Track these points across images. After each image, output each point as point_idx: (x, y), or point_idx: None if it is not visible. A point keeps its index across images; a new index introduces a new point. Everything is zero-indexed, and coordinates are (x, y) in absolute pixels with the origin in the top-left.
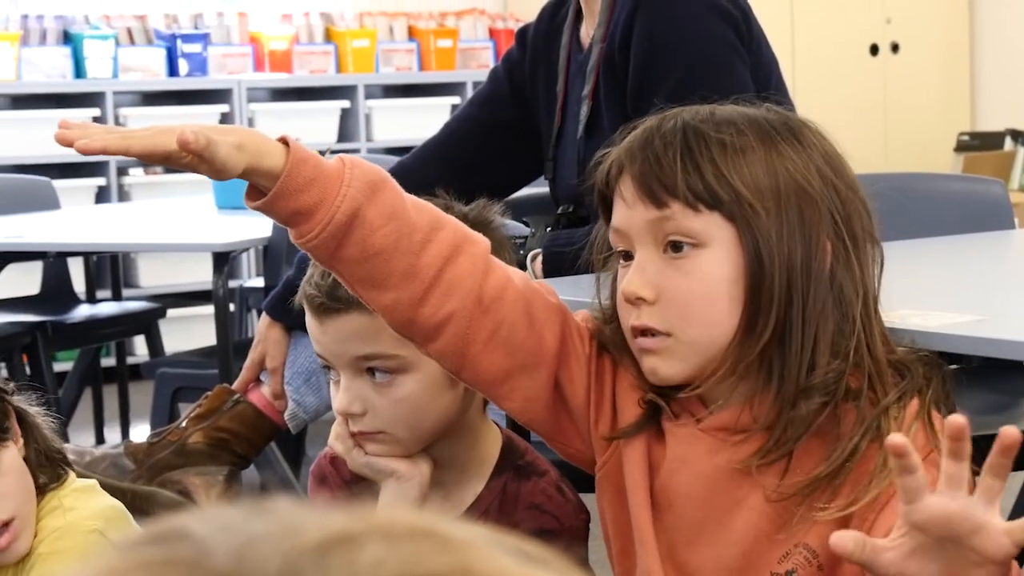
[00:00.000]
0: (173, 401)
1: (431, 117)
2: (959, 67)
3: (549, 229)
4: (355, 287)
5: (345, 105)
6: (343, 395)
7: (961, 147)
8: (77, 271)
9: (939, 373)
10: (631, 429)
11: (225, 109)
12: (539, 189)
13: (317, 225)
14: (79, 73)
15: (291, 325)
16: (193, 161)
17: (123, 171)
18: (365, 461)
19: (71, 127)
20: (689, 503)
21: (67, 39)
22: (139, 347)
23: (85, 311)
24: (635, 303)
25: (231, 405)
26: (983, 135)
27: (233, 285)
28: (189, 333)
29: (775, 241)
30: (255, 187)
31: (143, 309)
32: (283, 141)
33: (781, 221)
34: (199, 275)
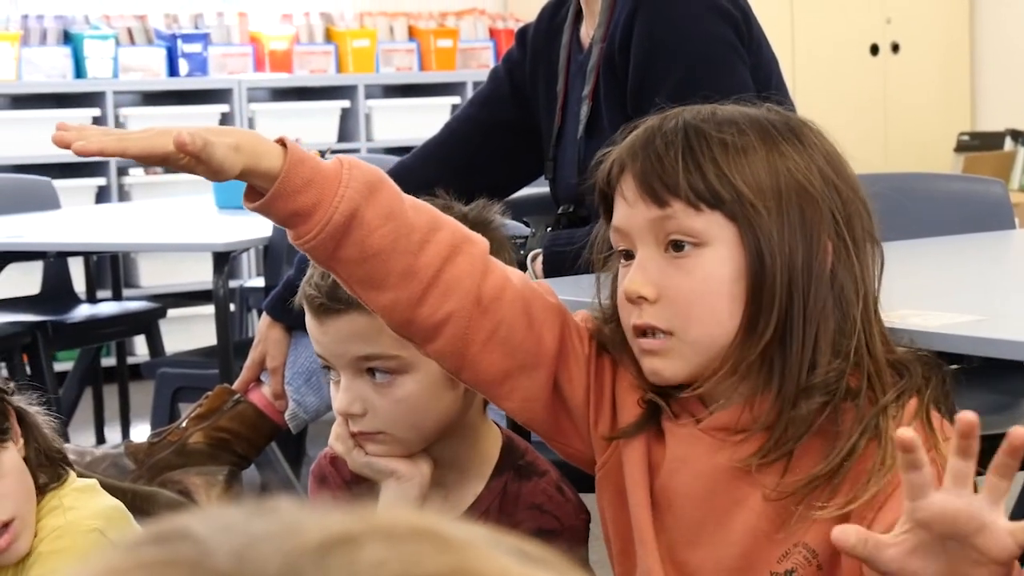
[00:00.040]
0: (173, 401)
1: (431, 117)
2: (959, 67)
3: (549, 229)
4: (354, 288)
5: (345, 105)
6: (343, 395)
7: (961, 147)
8: (77, 271)
9: (938, 373)
10: (631, 429)
11: (225, 109)
12: (539, 189)
13: (315, 226)
14: (79, 73)
15: (291, 325)
16: (190, 163)
17: (123, 171)
18: (365, 461)
19: (68, 129)
20: (689, 503)
21: (67, 39)
22: (139, 347)
23: (85, 311)
24: (636, 302)
25: (231, 405)
26: (983, 135)
27: (233, 285)
28: (189, 333)
29: (776, 241)
30: (253, 188)
31: (143, 309)
32: (281, 142)
33: (782, 221)
34: (199, 275)
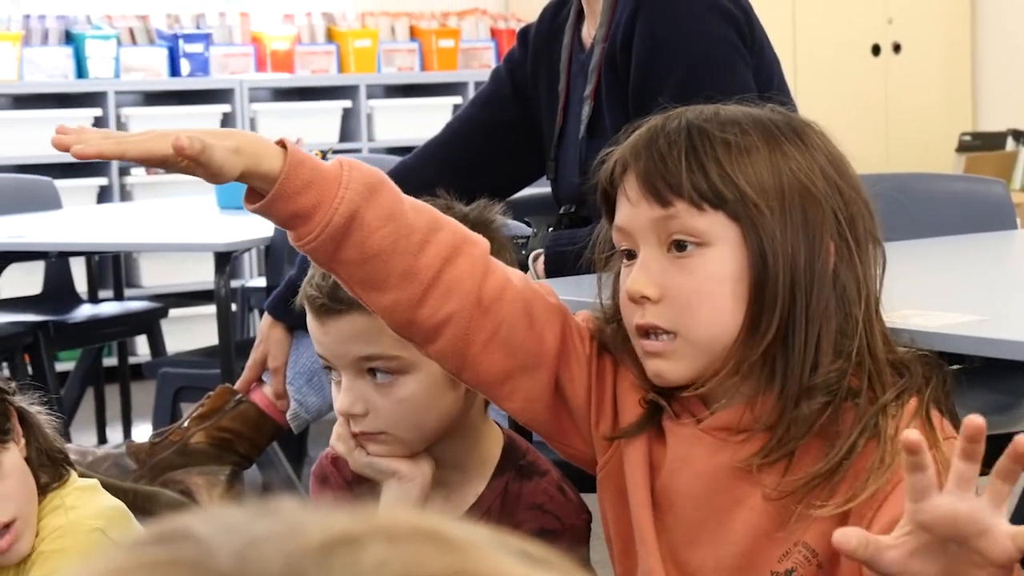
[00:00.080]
0: (175, 401)
1: (433, 117)
2: (961, 67)
3: (551, 229)
4: (354, 289)
5: (347, 105)
6: (345, 396)
7: (963, 147)
8: (79, 271)
9: (939, 372)
10: (632, 429)
11: (227, 109)
12: (541, 189)
13: (315, 227)
14: (81, 73)
15: (293, 325)
16: (189, 165)
17: (125, 171)
18: (367, 461)
19: (68, 132)
20: (690, 503)
21: (69, 39)
22: (141, 347)
23: (87, 311)
24: (639, 302)
25: (233, 405)
26: (985, 135)
27: (235, 285)
28: (191, 333)
29: (779, 241)
30: (254, 190)
31: (145, 309)
32: (281, 144)
33: (785, 221)
34: (201, 275)
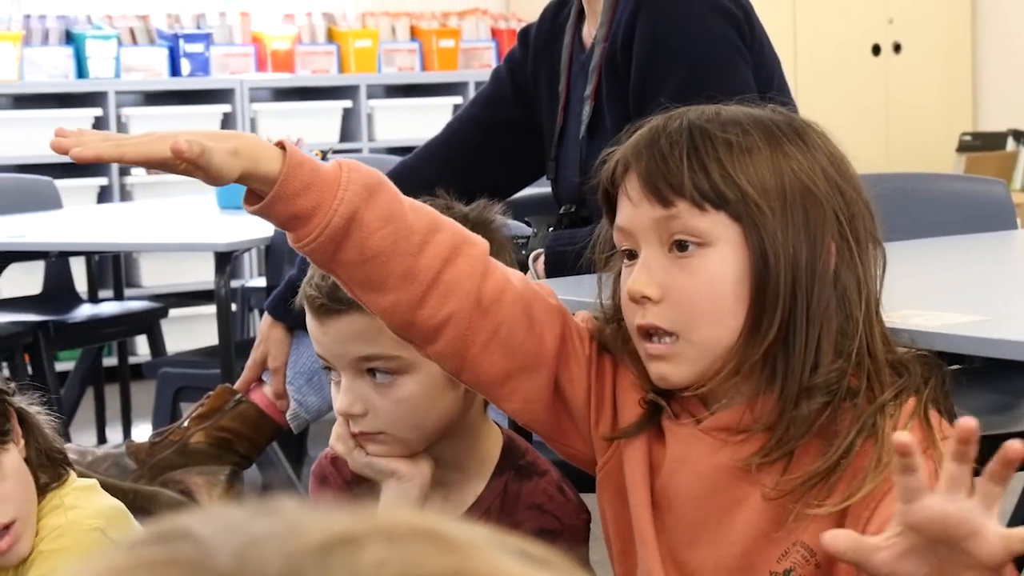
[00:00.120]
0: (175, 401)
1: (433, 117)
2: (961, 67)
3: (551, 229)
4: (354, 290)
5: (347, 105)
6: (344, 396)
7: (963, 147)
8: (79, 271)
9: (937, 373)
10: (632, 429)
11: (227, 109)
12: (541, 189)
13: (315, 229)
14: (81, 73)
15: (293, 325)
16: (188, 168)
17: (125, 171)
18: (366, 461)
19: (67, 134)
20: (689, 503)
21: (69, 39)
22: (141, 347)
23: (87, 311)
24: (640, 302)
25: (233, 405)
26: (985, 135)
27: (235, 285)
28: (191, 333)
29: (780, 241)
30: (253, 191)
31: (145, 309)
32: (280, 146)
33: (787, 221)
34: (201, 275)
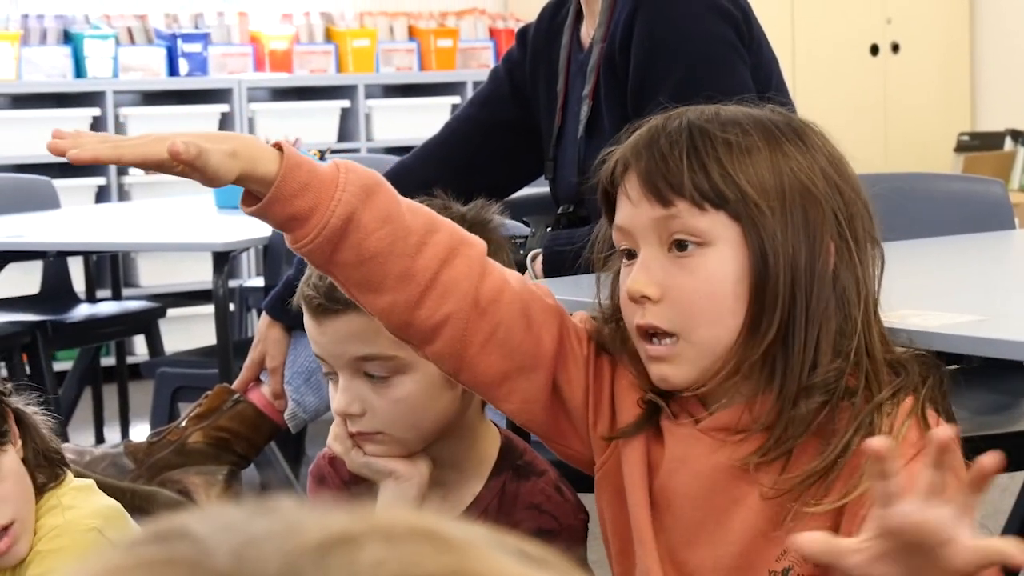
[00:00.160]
0: (173, 401)
1: (431, 117)
2: (959, 67)
3: (549, 229)
4: (351, 291)
5: (345, 105)
6: (341, 396)
7: (961, 147)
8: (77, 270)
9: (936, 372)
10: (630, 429)
11: (225, 109)
12: (539, 189)
13: (312, 230)
14: (79, 73)
15: (291, 325)
16: (185, 170)
17: (123, 171)
18: (364, 461)
19: (64, 136)
20: (688, 503)
21: (67, 39)
22: (139, 347)
23: (85, 310)
24: (640, 301)
25: (231, 405)
26: (983, 135)
27: (233, 285)
28: (189, 333)
29: (780, 241)
30: (251, 193)
31: (143, 309)
32: (277, 147)
33: (786, 221)
34: (199, 275)
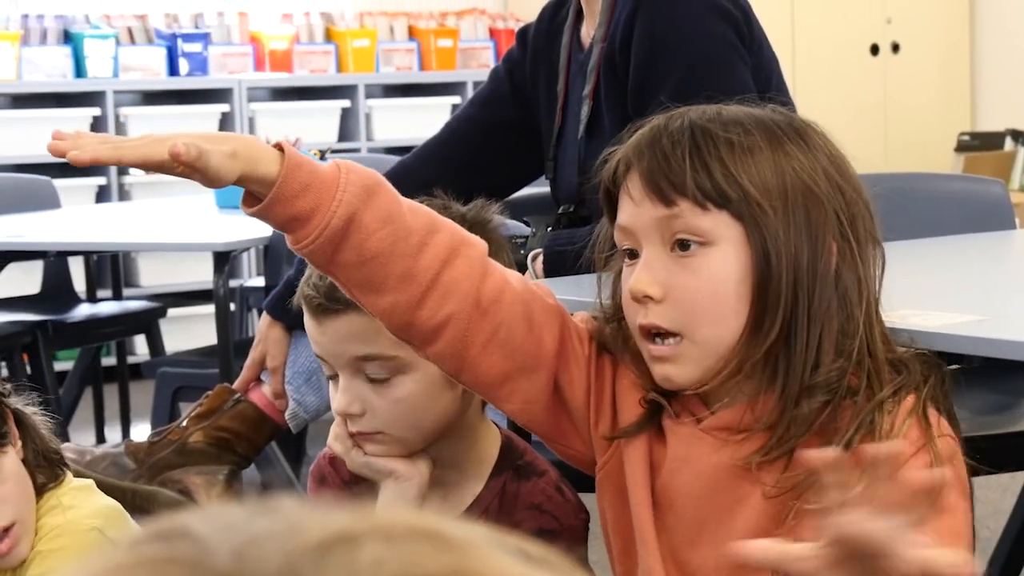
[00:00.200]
0: (174, 400)
1: (431, 117)
2: (959, 67)
3: (550, 229)
4: (352, 291)
5: (345, 105)
6: (342, 395)
7: (961, 147)
8: (78, 270)
9: (937, 371)
10: (632, 428)
11: (225, 109)
12: (540, 189)
13: (314, 230)
14: (79, 72)
15: (292, 325)
16: (186, 171)
17: (123, 171)
18: (364, 461)
19: (64, 137)
20: (690, 503)
21: (67, 38)
22: (140, 346)
23: (85, 310)
24: (642, 301)
25: (232, 404)
26: (983, 135)
27: (234, 284)
28: (190, 332)
29: (782, 240)
30: (251, 193)
31: (144, 308)
32: (278, 147)
33: (788, 220)
34: (200, 274)
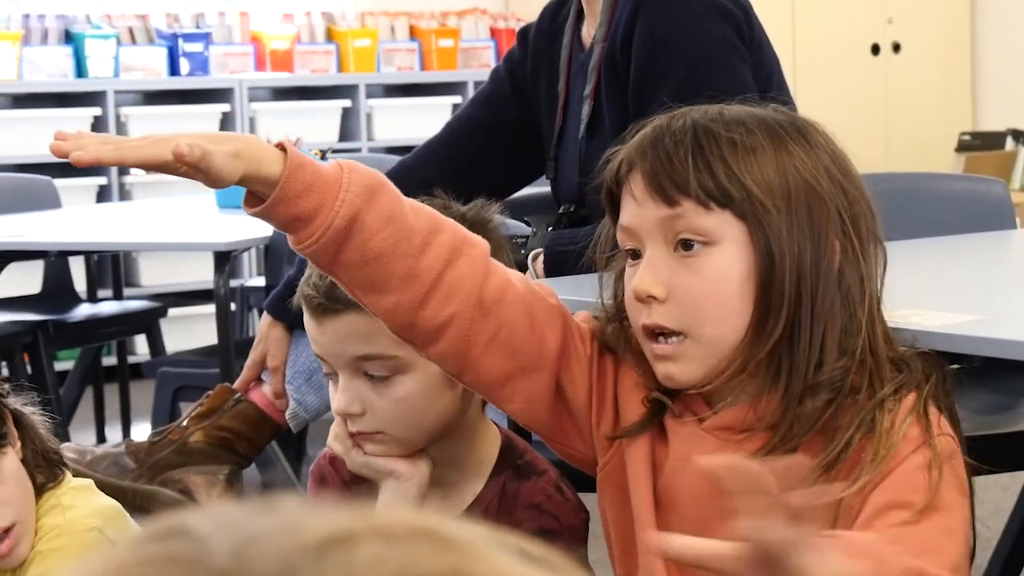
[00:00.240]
0: (174, 400)
1: (432, 117)
2: (960, 67)
3: (550, 228)
4: (355, 292)
5: (346, 104)
6: (342, 395)
7: (962, 147)
8: (78, 270)
9: (938, 370)
10: (634, 428)
11: (226, 108)
12: (540, 189)
13: (316, 231)
14: (80, 72)
15: (292, 324)
16: (189, 171)
17: (124, 171)
18: (364, 461)
19: (66, 138)
20: (692, 502)
21: (68, 38)
22: (140, 346)
23: (86, 310)
24: (646, 301)
25: (232, 404)
26: (984, 135)
27: (234, 284)
28: (190, 332)
29: (786, 239)
30: (253, 193)
31: (144, 308)
32: (280, 147)
33: (791, 219)
34: (200, 274)
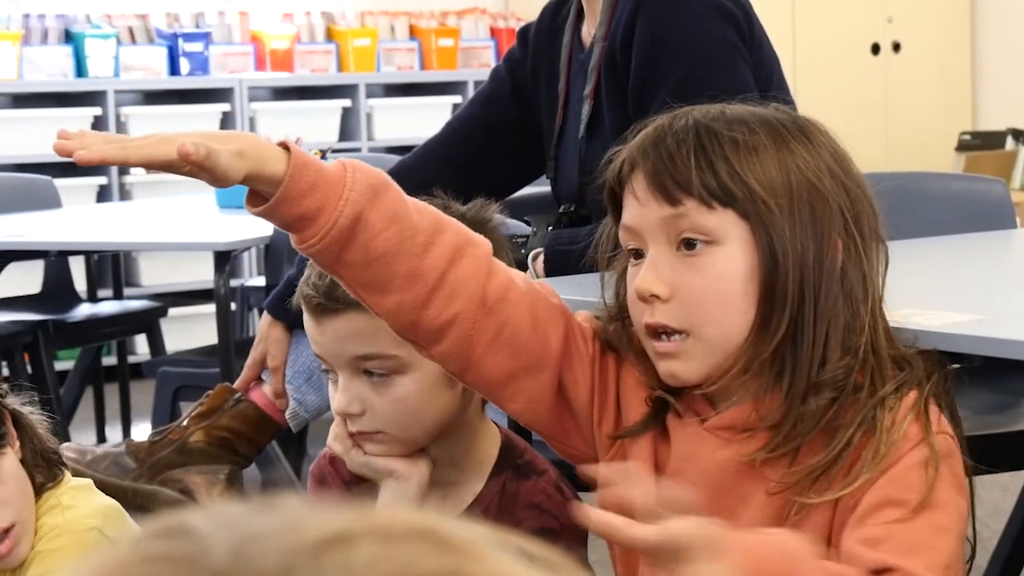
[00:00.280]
0: (174, 400)
1: (432, 116)
2: (960, 66)
3: (551, 228)
4: (358, 291)
5: (346, 104)
6: (341, 395)
7: (962, 146)
8: (78, 270)
9: (940, 368)
10: (637, 427)
11: (226, 108)
12: (540, 188)
13: (320, 230)
14: (80, 72)
15: (292, 324)
16: (193, 170)
17: (124, 170)
18: (364, 461)
19: (70, 137)
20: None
21: (68, 38)
22: (140, 346)
23: (86, 310)
24: (649, 300)
25: (232, 404)
26: (984, 134)
27: (234, 284)
28: (190, 332)
29: (788, 238)
30: (256, 193)
31: (144, 308)
32: (283, 146)
33: (794, 218)
34: (200, 274)
